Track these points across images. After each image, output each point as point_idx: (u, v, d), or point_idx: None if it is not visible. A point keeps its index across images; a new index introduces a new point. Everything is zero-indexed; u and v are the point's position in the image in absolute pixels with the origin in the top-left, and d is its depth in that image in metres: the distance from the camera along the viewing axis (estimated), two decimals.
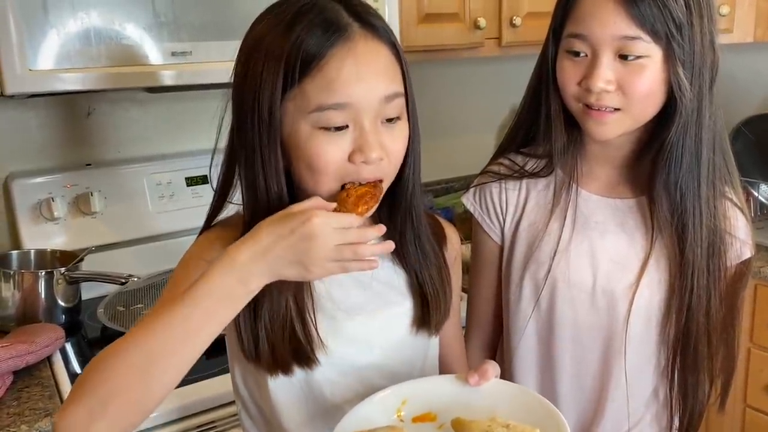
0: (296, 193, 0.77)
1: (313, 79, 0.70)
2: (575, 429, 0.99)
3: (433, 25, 1.64)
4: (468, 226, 1.08)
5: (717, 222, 0.90)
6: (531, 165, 0.97)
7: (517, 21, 1.70)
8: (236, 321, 0.75)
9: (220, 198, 0.82)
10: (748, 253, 0.94)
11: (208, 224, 0.83)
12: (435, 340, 0.89)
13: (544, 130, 0.94)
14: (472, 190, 1.02)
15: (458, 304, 0.94)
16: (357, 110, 0.71)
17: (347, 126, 0.72)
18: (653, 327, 0.93)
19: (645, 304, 0.91)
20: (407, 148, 0.77)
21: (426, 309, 0.84)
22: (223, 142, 0.80)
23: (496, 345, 1.08)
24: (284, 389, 0.80)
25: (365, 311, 0.82)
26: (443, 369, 0.91)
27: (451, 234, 0.91)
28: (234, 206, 0.82)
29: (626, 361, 0.93)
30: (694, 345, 0.91)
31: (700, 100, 0.84)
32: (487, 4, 1.70)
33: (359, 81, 0.70)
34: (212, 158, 0.83)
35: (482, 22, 1.68)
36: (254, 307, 0.74)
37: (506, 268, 1.00)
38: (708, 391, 0.96)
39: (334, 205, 0.70)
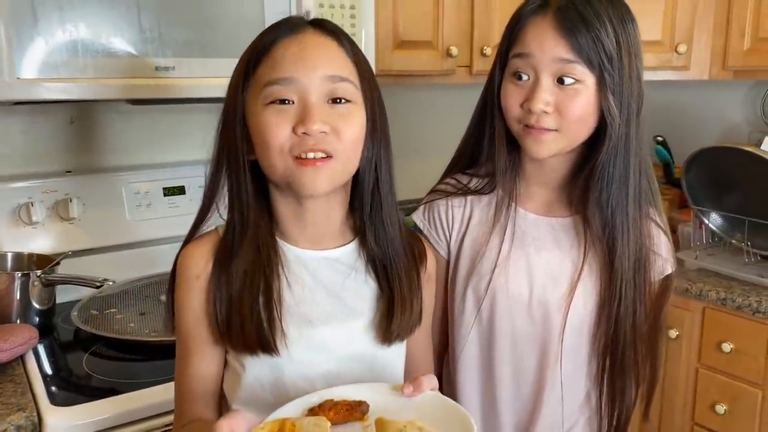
0: (268, 186, 0.84)
1: (264, 64, 0.80)
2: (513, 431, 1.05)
3: (408, 52, 1.72)
4: None
5: (643, 239, 0.97)
6: (474, 183, 1.04)
7: (488, 51, 1.78)
8: (210, 297, 0.82)
9: (206, 200, 0.86)
10: (669, 269, 1.02)
11: (198, 223, 0.88)
12: (401, 350, 0.91)
13: (487, 151, 1.01)
14: (422, 207, 1.08)
15: (428, 325, 0.97)
16: (301, 86, 0.78)
17: (293, 102, 0.78)
18: (585, 336, 0.99)
19: (577, 315, 0.98)
20: (372, 146, 0.83)
21: (391, 319, 0.86)
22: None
23: (443, 355, 1.13)
24: (254, 395, 0.83)
25: (334, 320, 0.85)
26: None
27: (431, 255, 0.95)
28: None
29: (561, 368, 0.99)
30: (622, 352, 0.98)
31: (628, 126, 0.93)
32: (459, 33, 1.78)
33: (302, 59, 0.78)
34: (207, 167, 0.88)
35: (454, 50, 1.76)
36: (229, 283, 0.81)
37: (451, 281, 1.06)
38: (634, 397, 1.02)
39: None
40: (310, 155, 0.78)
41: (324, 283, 0.86)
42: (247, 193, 0.83)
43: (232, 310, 0.81)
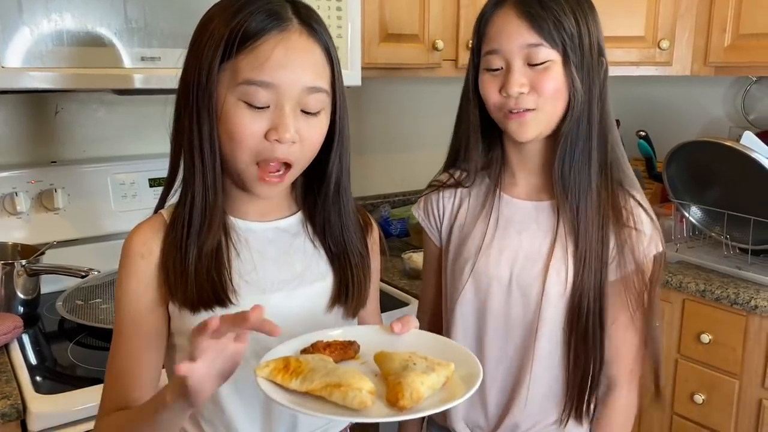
0: (222, 161, 0.83)
1: (246, 55, 0.78)
2: (498, 407, 1.08)
3: (394, 45, 1.73)
4: (421, 237, 1.20)
5: (607, 210, 1.01)
6: (458, 175, 1.10)
7: None
8: (166, 264, 0.83)
9: (169, 177, 0.88)
10: (655, 249, 1.03)
11: (161, 204, 0.90)
12: (354, 321, 0.95)
13: (465, 144, 1.06)
14: (419, 200, 1.16)
15: (376, 292, 1.01)
16: (280, 93, 0.79)
17: (268, 106, 0.79)
18: (561, 311, 1.02)
19: (553, 289, 1.01)
20: (334, 136, 0.85)
21: (344, 289, 0.91)
22: None
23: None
24: None
25: (286, 288, 0.88)
26: None
27: (375, 226, 1.00)
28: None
29: (540, 347, 1.02)
30: (585, 321, 1.00)
31: (590, 98, 0.98)
32: (445, 27, 1.80)
33: (286, 67, 0.78)
34: None
35: (440, 44, 1.78)
36: (183, 251, 0.82)
37: (444, 266, 1.12)
38: (596, 374, 1.03)
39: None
40: (274, 161, 0.81)
41: (274, 252, 0.89)
42: (215, 167, 0.82)
43: (186, 275, 0.82)
